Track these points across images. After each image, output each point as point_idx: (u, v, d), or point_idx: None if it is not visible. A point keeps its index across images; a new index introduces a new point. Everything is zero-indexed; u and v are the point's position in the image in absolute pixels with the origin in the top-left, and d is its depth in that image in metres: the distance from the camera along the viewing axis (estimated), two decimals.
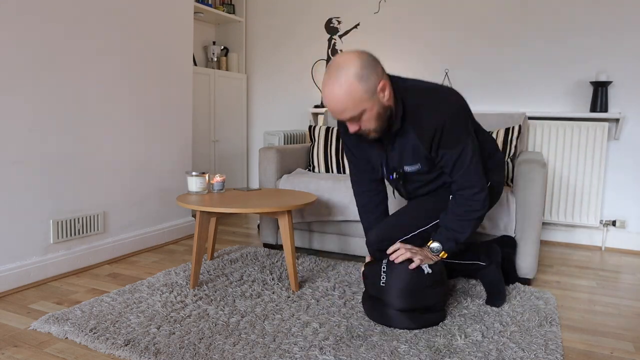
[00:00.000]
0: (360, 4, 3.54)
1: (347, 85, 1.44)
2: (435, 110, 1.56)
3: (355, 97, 1.45)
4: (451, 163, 1.63)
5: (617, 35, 2.84)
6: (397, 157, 1.70)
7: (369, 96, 1.47)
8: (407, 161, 1.69)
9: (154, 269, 2.37)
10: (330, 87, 1.46)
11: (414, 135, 1.61)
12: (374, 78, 1.47)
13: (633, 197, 2.91)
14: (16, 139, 2.02)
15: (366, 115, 1.51)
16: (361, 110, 1.49)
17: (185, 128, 3.00)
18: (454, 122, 1.56)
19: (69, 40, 2.21)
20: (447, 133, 1.57)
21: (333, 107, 1.49)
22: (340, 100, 1.46)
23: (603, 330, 1.74)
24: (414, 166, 1.69)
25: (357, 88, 1.45)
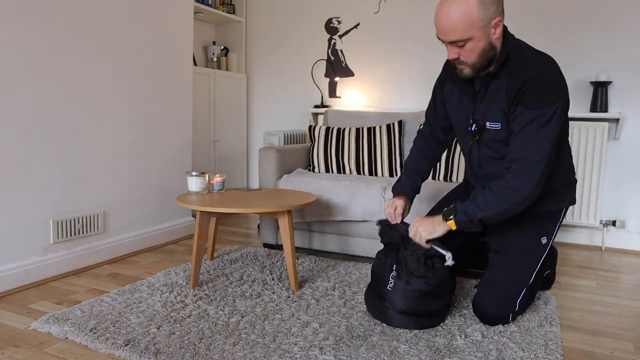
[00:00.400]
0: (360, 4, 3.54)
1: (466, 6, 1.40)
2: (532, 64, 1.48)
3: (469, 20, 1.40)
4: (521, 125, 1.47)
5: (617, 35, 2.84)
6: (483, 108, 1.60)
7: (482, 25, 1.42)
8: (491, 116, 1.58)
9: (154, 269, 2.37)
10: (449, 2, 1.42)
11: (504, 85, 1.52)
12: (493, 10, 1.43)
13: (633, 197, 2.91)
14: (16, 139, 2.02)
15: (470, 45, 1.45)
16: (469, 37, 1.43)
17: (185, 128, 3.00)
18: (545, 82, 1.45)
19: (68, 40, 2.21)
20: (534, 89, 1.45)
21: (443, 24, 1.44)
22: (453, 19, 1.41)
23: (603, 330, 1.74)
24: (495, 124, 1.57)
25: (475, 12, 1.40)
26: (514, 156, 1.50)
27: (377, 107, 3.56)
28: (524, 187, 1.48)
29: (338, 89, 3.71)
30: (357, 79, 3.63)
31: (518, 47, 1.54)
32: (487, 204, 1.52)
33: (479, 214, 1.53)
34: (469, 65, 1.52)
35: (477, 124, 1.63)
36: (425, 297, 1.66)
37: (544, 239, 1.71)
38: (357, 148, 2.79)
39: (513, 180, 1.49)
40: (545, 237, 1.71)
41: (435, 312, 1.69)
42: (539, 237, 1.70)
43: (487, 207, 1.52)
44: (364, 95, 3.61)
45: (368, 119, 2.97)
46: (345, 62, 3.65)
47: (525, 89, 1.46)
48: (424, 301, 1.66)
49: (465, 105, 1.68)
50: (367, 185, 2.42)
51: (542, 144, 1.46)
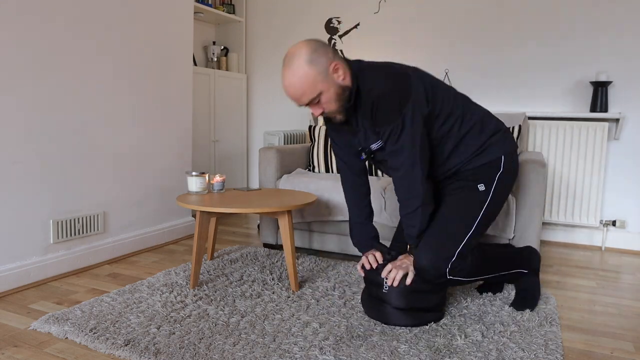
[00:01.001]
0: (360, 4, 3.54)
1: (300, 70, 1.53)
2: (374, 85, 1.58)
3: (309, 80, 1.53)
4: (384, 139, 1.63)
5: (617, 35, 2.84)
6: (363, 137, 1.71)
7: (323, 77, 1.54)
8: (370, 139, 1.69)
9: (154, 269, 2.37)
10: (286, 76, 1.56)
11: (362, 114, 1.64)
12: (324, 60, 1.55)
13: (633, 197, 2.91)
14: (16, 139, 2.02)
15: (324, 97, 1.57)
16: (318, 92, 1.55)
17: (185, 128, 3.00)
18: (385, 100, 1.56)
19: (68, 41, 2.21)
20: (379, 110, 1.58)
21: (292, 94, 1.57)
22: (297, 86, 1.54)
23: (603, 330, 1.74)
24: (377, 143, 1.68)
25: (310, 71, 1.53)
26: (390, 165, 1.66)
27: None
28: (413, 191, 1.63)
29: None
30: None
31: (362, 71, 1.63)
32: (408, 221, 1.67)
33: (413, 231, 1.68)
34: (335, 112, 1.63)
35: (364, 151, 1.76)
36: (422, 292, 1.67)
37: (481, 186, 1.72)
38: None
39: (401, 191, 1.65)
40: (482, 184, 1.72)
41: (434, 307, 1.71)
42: (475, 184, 1.73)
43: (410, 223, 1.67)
44: None
45: None
46: None
47: (374, 110, 1.60)
48: (422, 296, 1.68)
49: (350, 141, 1.79)
50: None
51: (405, 150, 1.60)
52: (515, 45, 3.09)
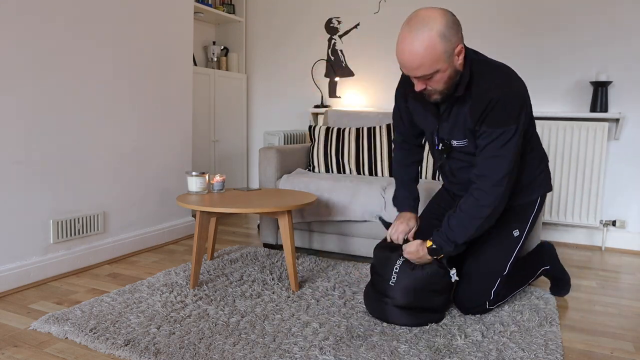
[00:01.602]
0: (360, 4, 3.54)
1: (429, 42, 1.40)
2: (495, 84, 1.51)
3: (434, 55, 1.41)
4: (485, 142, 1.55)
5: (617, 35, 2.84)
6: (448, 128, 1.65)
7: (447, 57, 1.44)
8: (456, 135, 1.64)
9: (154, 269, 2.37)
10: (410, 40, 1.41)
11: (469, 106, 1.56)
12: (455, 40, 1.44)
13: (633, 197, 2.91)
14: (16, 139, 2.02)
15: (438, 76, 1.47)
16: (435, 70, 1.45)
17: (185, 128, 3.00)
18: (509, 101, 1.50)
19: (68, 41, 2.21)
20: (497, 110, 1.50)
21: (409, 62, 1.44)
22: (419, 56, 1.41)
23: (603, 330, 1.74)
24: (461, 141, 1.64)
25: (439, 47, 1.41)
26: (479, 172, 1.58)
27: (377, 107, 3.56)
28: (490, 202, 1.57)
29: (338, 89, 3.71)
30: (357, 79, 3.63)
31: (479, 65, 1.56)
32: (462, 226, 1.60)
33: (459, 238, 1.61)
34: (437, 92, 1.55)
35: (443, 142, 1.71)
36: (428, 292, 1.67)
37: (516, 232, 1.79)
38: (357, 148, 2.79)
39: (480, 196, 1.58)
40: (517, 230, 1.79)
41: (436, 308, 1.71)
42: (510, 229, 1.79)
43: (463, 228, 1.60)
44: (364, 95, 3.61)
45: (368, 119, 2.97)
46: (345, 62, 3.65)
47: (489, 109, 1.52)
48: (427, 296, 1.67)
49: (429, 122, 1.74)
50: (367, 185, 2.42)
51: (504, 161, 1.54)
52: (515, 46, 3.09)
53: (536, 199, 1.82)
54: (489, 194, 1.56)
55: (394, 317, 1.68)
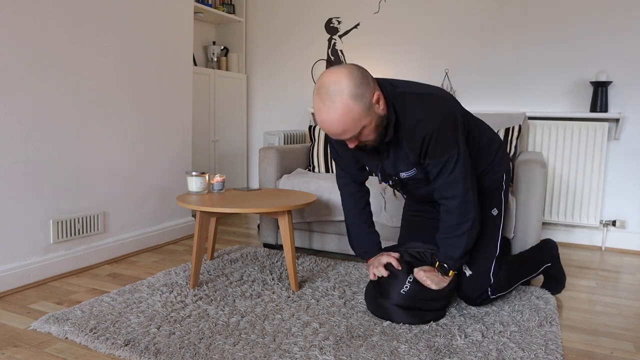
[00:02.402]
0: (360, 4, 3.54)
1: (344, 107, 1.40)
2: (424, 119, 1.52)
3: (353, 117, 1.42)
4: (435, 171, 1.61)
5: (617, 35, 2.84)
6: (391, 164, 1.68)
7: (366, 112, 1.44)
8: (402, 168, 1.68)
9: (154, 269, 2.37)
10: (326, 112, 1.42)
11: (406, 145, 1.59)
12: (368, 93, 1.43)
13: (633, 197, 2.91)
14: (16, 139, 2.02)
15: (365, 131, 1.49)
16: (361, 128, 1.46)
17: (185, 128, 3.00)
18: (442, 131, 1.53)
19: (68, 41, 2.21)
20: (434, 143, 1.54)
21: (332, 130, 1.46)
22: (339, 124, 1.42)
23: (603, 330, 1.74)
24: (409, 172, 1.68)
25: (354, 108, 1.41)
26: (441, 195, 1.64)
27: None
28: (465, 217, 1.63)
29: None
30: None
31: (399, 99, 1.55)
32: (451, 245, 1.67)
33: (456, 252, 1.67)
34: (371, 141, 1.55)
35: (391, 178, 1.75)
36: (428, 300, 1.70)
37: (494, 211, 1.86)
38: None
39: (452, 217, 1.64)
40: (494, 209, 1.86)
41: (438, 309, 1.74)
42: (488, 211, 1.85)
43: (453, 246, 1.67)
44: None
45: None
46: (345, 62, 3.65)
47: (426, 145, 1.56)
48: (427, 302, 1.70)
49: (373, 161, 1.74)
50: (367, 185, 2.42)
51: (459, 182, 1.59)
52: (515, 45, 3.09)
53: (501, 176, 1.86)
54: (460, 212, 1.62)
55: (395, 315, 1.69)
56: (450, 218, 1.64)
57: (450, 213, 1.64)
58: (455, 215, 1.63)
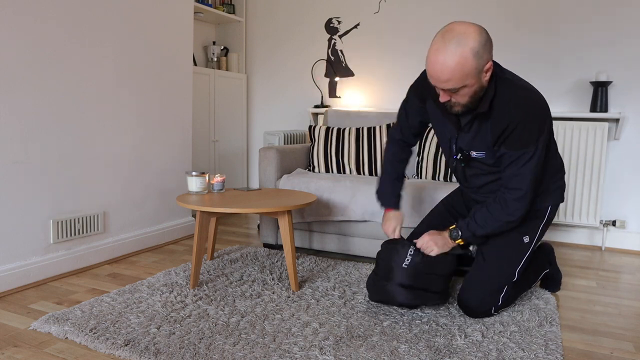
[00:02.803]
0: (360, 4, 3.54)
1: (462, 58, 1.40)
2: (517, 106, 1.53)
3: (464, 71, 1.42)
4: (507, 162, 1.61)
5: (617, 35, 2.84)
6: (468, 139, 1.68)
7: (476, 73, 1.45)
8: (476, 147, 1.67)
9: (154, 269, 2.37)
10: (443, 53, 1.41)
11: (490, 124, 1.59)
12: (486, 57, 1.45)
13: (633, 197, 2.91)
14: (16, 139, 2.02)
15: (464, 91, 1.48)
16: (463, 85, 1.46)
17: (185, 128, 3.00)
18: (529, 125, 1.53)
19: (68, 41, 2.20)
20: (517, 134, 1.54)
21: (439, 74, 1.45)
22: (449, 70, 1.42)
23: (603, 330, 1.74)
24: (480, 153, 1.68)
25: (470, 63, 1.41)
26: (505, 185, 1.65)
27: (377, 107, 3.56)
28: (515, 212, 1.65)
29: (338, 89, 3.71)
30: (357, 79, 3.63)
31: (504, 83, 1.57)
32: (486, 223, 1.68)
33: (479, 230, 1.69)
34: (460, 105, 1.55)
35: (461, 152, 1.74)
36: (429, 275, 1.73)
37: (526, 238, 1.79)
38: (357, 148, 2.79)
39: (506, 205, 1.64)
40: (527, 236, 1.80)
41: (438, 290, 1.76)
42: (520, 236, 1.79)
43: (486, 225, 1.68)
44: (364, 95, 3.61)
45: (368, 119, 2.97)
46: (345, 62, 3.65)
47: (509, 131, 1.55)
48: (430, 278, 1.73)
49: (448, 130, 1.75)
50: (367, 185, 2.42)
51: (525, 179, 1.60)
52: (515, 45, 3.09)
53: (547, 207, 1.81)
54: (514, 205, 1.63)
55: (397, 295, 1.73)
56: (501, 206, 1.64)
57: (504, 202, 1.64)
58: (508, 205, 1.63)
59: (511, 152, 1.57)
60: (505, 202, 1.64)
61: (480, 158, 1.70)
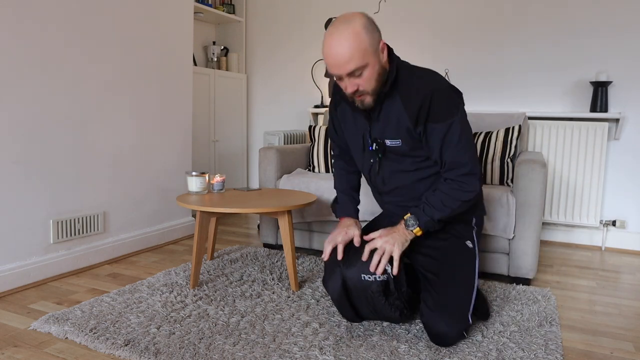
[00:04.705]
0: (360, 4, 3.54)
1: (355, 34, 1.43)
2: (426, 80, 1.54)
3: (361, 46, 1.43)
4: (439, 139, 1.53)
5: (617, 35, 2.84)
6: (380, 127, 1.63)
7: (373, 50, 1.46)
8: (389, 133, 1.61)
9: (154, 269, 2.37)
10: (337, 36, 1.44)
11: (400, 103, 1.55)
12: (377, 35, 1.49)
13: (633, 197, 2.91)
14: (16, 139, 2.02)
15: (367, 72, 1.47)
16: (365, 63, 1.45)
17: (185, 128, 3.00)
18: (444, 94, 1.52)
19: (68, 40, 2.21)
20: (437, 104, 1.50)
21: (337, 56, 1.45)
22: (347, 49, 1.43)
23: (603, 330, 1.74)
24: (395, 141, 1.61)
25: (364, 38, 1.44)
26: (449, 167, 1.56)
27: None
28: (471, 187, 1.56)
29: None
30: None
31: (404, 66, 1.59)
32: (443, 204, 1.56)
33: (437, 214, 1.56)
34: (369, 94, 1.53)
35: (376, 142, 1.66)
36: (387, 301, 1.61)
37: (469, 243, 1.69)
38: None
39: (457, 183, 1.56)
40: (469, 241, 1.70)
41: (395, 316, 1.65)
42: (461, 240, 1.69)
43: (444, 206, 1.56)
44: None
45: None
46: None
47: (427, 105, 1.52)
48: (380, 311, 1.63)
49: (360, 124, 1.70)
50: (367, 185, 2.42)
51: (467, 145, 1.55)
52: (515, 45, 3.09)
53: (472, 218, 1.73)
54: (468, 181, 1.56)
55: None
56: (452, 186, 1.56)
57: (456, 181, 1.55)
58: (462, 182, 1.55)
59: (439, 125, 1.52)
60: (456, 181, 1.56)
61: (395, 147, 1.62)
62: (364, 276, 1.57)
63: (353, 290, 1.60)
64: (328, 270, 1.66)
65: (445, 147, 1.54)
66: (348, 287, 1.60)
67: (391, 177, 1.71)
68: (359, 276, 1.57)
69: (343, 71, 1.47)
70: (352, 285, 1.59)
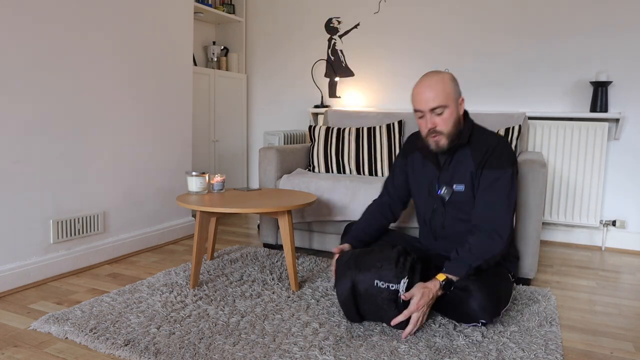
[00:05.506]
0: (360, 4, 3.54)
1: (443, 81, 1.69)
2: (495, 136, 1.77)
3: (446, 90, 1.68)
4: (486, 183, 1.71)
5: (617, 35, 2.84)
6: (448, 175, 1.80)
7: (455, 98, 1.71)
8: (456, 179, 1.78)
9: (154, 269, 2.37)
10: (429, 80, 1.70)
11: (470, 154, 1.76)
12: (459, 90, 1.75)
13: (633, 197, 2.91)
14: (16, 139, 2.02)
15: (446, 113, 1.69)
16: (446, 104, 1.68)
17: (185, 128, 3.00)
18: (507, 148, 1.74)
19: (68, 41, 2.21)
20: (498, 153, 1.71)
21: (426, 94, 1.68)
22: (435, 87, 1.67)
23: (603, 330, 1.74)
24: (460, 185, 1.78)
25: (450, 85, 1.70)
26: (481, 218, 1.70)
27: (377, 107, 3.56)
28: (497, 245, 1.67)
29: (338, 89, 3.71)
30: (357, 79, 3.63)
31: (478, 126, 1.82)
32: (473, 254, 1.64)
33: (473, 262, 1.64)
34: (444, 135, 1.72)
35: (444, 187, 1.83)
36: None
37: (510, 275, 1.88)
38: (357, 148, 2.79)
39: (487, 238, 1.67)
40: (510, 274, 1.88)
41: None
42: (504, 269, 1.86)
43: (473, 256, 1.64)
44: (364, 95, 3.61)
45: (368, 119, 2.97)
46: (345, 62, 3.65)
47: (489, 154, 1.73)
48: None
49: (429, 171, 1.88)
50: (367, 185, 2.42)
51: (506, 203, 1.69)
52: (515, 45, 3.09)
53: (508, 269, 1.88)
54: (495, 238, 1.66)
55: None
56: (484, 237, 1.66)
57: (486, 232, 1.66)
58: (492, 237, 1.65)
59: (490, 172, 1.71)
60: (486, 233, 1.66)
61: (459, 192, 1.78)
62: (377, 282, 1.59)
63: (363, 295, 1.62)
64: (339, 273, 1.70)
65: (487, 192, 1.71)
66: (358, 291, 1.63)
67: (451, 224, 1.84)
68: (373, 282, 1.60)
69: (427, 106, 1.69)
70: (362, 290, 1.62)
